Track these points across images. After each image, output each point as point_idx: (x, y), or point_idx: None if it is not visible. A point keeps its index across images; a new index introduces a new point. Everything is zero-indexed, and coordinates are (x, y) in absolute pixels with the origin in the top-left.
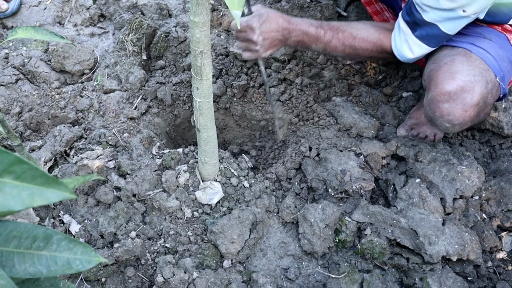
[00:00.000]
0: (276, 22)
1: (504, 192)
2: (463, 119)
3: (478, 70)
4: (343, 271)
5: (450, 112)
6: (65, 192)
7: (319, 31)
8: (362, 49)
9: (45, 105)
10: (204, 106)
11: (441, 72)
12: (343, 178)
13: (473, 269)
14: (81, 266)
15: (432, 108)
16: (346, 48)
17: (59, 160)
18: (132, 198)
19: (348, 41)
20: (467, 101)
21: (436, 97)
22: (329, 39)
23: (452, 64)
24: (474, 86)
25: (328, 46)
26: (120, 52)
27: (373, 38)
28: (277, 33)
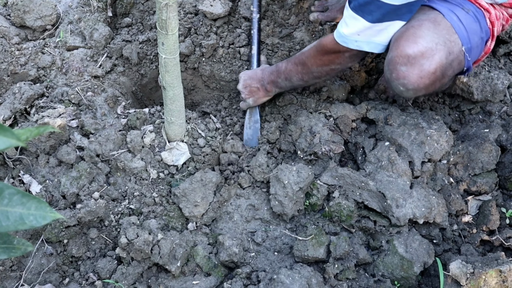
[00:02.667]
0: (254, 72)
1: (471, 156)
2: (417, 85)
3: (443, 40)
4: (310, 234)
5: (406, 75)
6: (12, 139)
7: (278, 65)
8: (310, 60)
9: (4, 61)
10: (170, 63)
11: (406, 34)
12: (312, 140)
13: (439, 232)
14: (35, 221)
15: (390, 69)
16: (298, 67)
17: (19, 118)
18: (95, 158)
19: (297, 59)
20: (425, 67)
21: (395, 58)
22: (285, 66)
23: (419, 29)
24: (434, 54)
25: (286, 74)
26: (84, 8)
27: (314, 43)
28: (252, 80)
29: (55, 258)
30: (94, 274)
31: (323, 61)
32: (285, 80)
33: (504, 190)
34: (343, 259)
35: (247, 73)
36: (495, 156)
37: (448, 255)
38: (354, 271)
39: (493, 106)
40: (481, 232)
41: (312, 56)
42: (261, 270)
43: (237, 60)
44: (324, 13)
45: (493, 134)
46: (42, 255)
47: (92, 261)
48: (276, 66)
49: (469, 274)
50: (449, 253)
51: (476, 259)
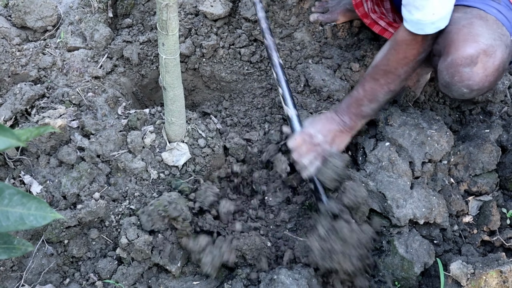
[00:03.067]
0: (325, 117)
1: (472, 157)
2: (482, 84)
3: (497, 34)
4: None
5: (470, 76)
6: (12, 139)
7: (353, 94)
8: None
9: (5, 62)
10: (170, 63)
11: (461, 35)
12: None
13: (440, 232)
14: (35, 222)
15: (450, 73)
16: (380, 79)
17: (19, 119)
18: (96, 159)
19: (375, 72)
20: (489, 65)
21: (457, 60)
22: (362, 90)
23: (472, 27)
24: (496, 50)
25: (370, 95)
26: (85, 8)
27: (387, 47)
28: (331, 125)
29: (56, 258)
30: (94, 274)
31: (407, 58)
32: (371, 103)
33: (504, 190)
34: None
35: (316, 126)
36: (496, 156)
37: (449, 255)
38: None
39: (493, 107)
40: (482, 232)
41: (394, 60)
42: (262, 270)
43: (237, 60)
44: (324, 15)
45: (493, 135)
46: (43, 255)
47: (93, 261)
48: (349, 98)
49: (469, 275)
50: (449, 253)
51: (477, 260)
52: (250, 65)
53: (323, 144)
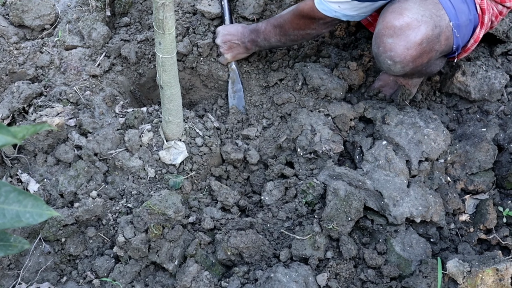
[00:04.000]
0: (234, 27)
1: (469, 155)
2: (404, 57)
3: (429, 12)
4: (308, 233)
5: (392, 47)
6: (8, 136)
7: (258, 25)
8: (287, 23)
9: (3, 60)
10: (167, 62)
11: (392, 7)
12: (312, 138)
13: (436, 230)
14: (31, 219)
15: (377, 43)
16: (276, 29)
17: (17, 117)
18: (93, 157)
19: (276, 21)
20: (411, 38)
21: (382, 30)
22: (264, 27)
23: (405, 2)
24: (420, 25)
25: (265, 34)
26: (82, 7)
27: (292, 8)
28: (232, 36)
29: (53, 256)
30: (91, 272)
31: (299, 25)
32: (264, 40)
33: (501, 189)
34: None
35: (226, 28)
36: (492, 155)
37: (445, 253)
38: (351, 270)
39: (490, 106)
40: (478, 231)
41: (289, 20)
42: (259, 268)
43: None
44: None
45: (490, 133)
46: (40, 253)
47: (90, 259)
48: (256, 26)
49: (466, 273)
50: (446, 251)
51: (473, 258)
52: (248, 64)
53: (221, 50)
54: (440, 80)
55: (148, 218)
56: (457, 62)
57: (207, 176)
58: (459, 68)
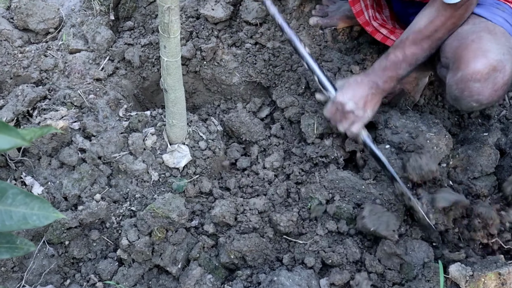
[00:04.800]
0: (355, 82)
1: (471, 160)
2: (492, 98)
3: (506, 48)
4: (310, 237)
5: (480, 91)
6: (17, 138)
7: (391, 57)
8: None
9: (7, 64)
10: (171, 66)
11: (471, 50)
12: (324, 142)
13: (439, 234)
14: (38, 221)
15: (460, 88)
16: (424, 44)
17: (21, 120)
18: (97, 160)
19: (417, 38)
20: (498, 80)
21: (467, 76)
22: (404, 53)
23: (481, 42)
24: (505, 65)
25: (411, 59)
26: (86, 11)
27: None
28: (363, 90)
29: (57, 259)
30: (95, 275)
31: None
32: (409, 67)
33: (503, 193)
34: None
35: (348, 91)
36: (494, 159)
37: (448, 257)
38: (354, 273)
39: (492, 110)
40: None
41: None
42: (262, 272)
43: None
44: (324, 19)
45: (492, 138)
46: (44, 256)
47: (93, 262)
48: (386, 61)
49: (468, 277)
50: (448, 256)
51: (476, 262)
52: (251, 68)
53: (356, 111)
54: (442, 84)
55: (152, 221)
56: None
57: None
58: None
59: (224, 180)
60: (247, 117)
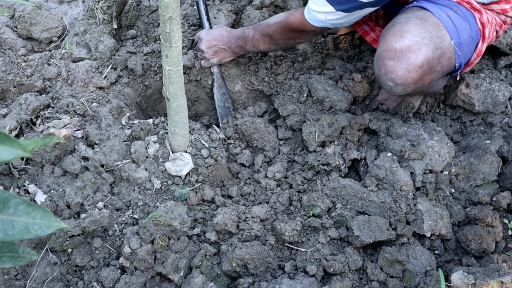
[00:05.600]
0: (218, 33)
1: (473, 168)
2: (405, 79)
3: (429, 35)
4: (312, 245)
5: (393, 69)
6: (18, 149)
7: (245, 31)
8: (276, 34)
9: (11, 72)
10: (173, 75)
11: (392, 30)
12: (325, 150)
13: (441, 242)
14: (40, 231)
15: (378, 65)
16: (265, 38)
17: (24, 129)
18: (100, 169)
19: (264, 30)
20: (411, 61)
21: (383, 53)
22: (252, 35)
23: (405, 24)
24: (421, 48)
25: (254, 42)
26: (89, 20)
27: (281, 18)
28: (218, 41)
29: (59, 267)
30: (97, 283)
31: (289, 36)
32: (253, 47)
33: None
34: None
35: (210, 34)
36: (497, 167)
37: (450, 266)
38: (356, 282)
39: (494, 118)
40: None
41: (279, 32)
42: (264, 280)
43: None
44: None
45: (494, 146)
46: (47, 264)
47: (96, 270)
48: (242, 32)
49: (470, 285)
50: (450, 264)
51: (478, 270)
52: (253, 77)
53: (206, 55)
54: (444, 92)
55: (154, 229)
56: (461, 75)
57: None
58: (463, 81)
59: (226, 188)
60: (261, 124)
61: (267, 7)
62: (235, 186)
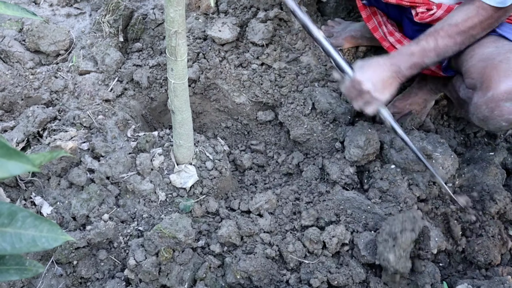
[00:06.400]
0: (377, 63)
1: (477, 179)
2: None
3: None
4: (316, 257)
5: (511, 111)
6: (27, 164)
7: (422, 44)
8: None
9: (19, 85)
10: (179, 88)
11: (500, 70)
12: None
13: (445, 255)
14: (47, 244)
15: (490, 107)
16: (458, 38)
17: (31, 141)
18: (105, 181)
19: (453, 31)
20: None
21: (498, 95)
22: (435, 43)
23: (508, 63)
24: None
25: (439, 49)
26: (96, 33)
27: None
28: (383, 72)
29: (65, 279)
30: None
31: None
32: (437, 57)
33: None
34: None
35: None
36: (501, 179)
37: (454, 278)
38: None
39: None
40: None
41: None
42: None
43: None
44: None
45: (498, 158)
46: (52, 276)
47: (101, 282)
48: (416, 46)
49: None
50: (455, 276)
51: (482, 283)
52: (258, 89)
53: (373, 92)
54: (447, 104)
55: (159, 241)
56: None
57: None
58: None
59: (229, 201)
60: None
61: (271, 20)
62: (238, 199)
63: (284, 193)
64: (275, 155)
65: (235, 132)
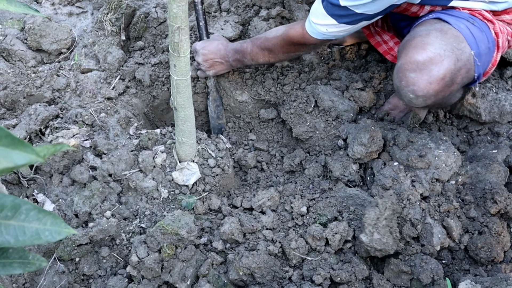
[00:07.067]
0: (215, 46)
1: (479, 177)
2: (427, 91)
3: (450, 47)
4: (319, 254)
5: (415, 81)
6: (31, 154)
7: (243, 45)
8: (277, 48)
9: (21, 83)
10: (181, 84)
11: (414, 42)
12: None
13: (448, 252)
14: (50, 237)
15: (399, 77)
16: (265, 52)
17: (34, 139)
18: (108, 178)
19: (263, 44)
20: (433, 73)
21: (404, 65)
22: (251, 49)
23: (426, 37)
24: (443, 60)
25: (252, 56)
26: (98, 32)
27: (281, 32)
28: (214, 55)
29: (67, 276)
30: None
31: (290, 50)
32: (251, 60)
33: None
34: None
35: (206, 47)
36: (504, 176)
37: (457, 275)
38: None
39: (501, 127)
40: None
41: (279, 45)
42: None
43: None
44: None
45: (501, 155)
46: (54, 272)
47: (103, 279)
48: (240, 46)
49: None
50: (458, 273)
51: (485, 280)
52: (260, 87)
53: (202, 68)
54: None
55: (161, 238)
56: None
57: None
58: (469, 91)
59: (232, 198)
60: (322, 124)
61: (274, 18)
62: (240, 196)
63: (286, 190)
64: (277, 153)
65: (237, 130)
